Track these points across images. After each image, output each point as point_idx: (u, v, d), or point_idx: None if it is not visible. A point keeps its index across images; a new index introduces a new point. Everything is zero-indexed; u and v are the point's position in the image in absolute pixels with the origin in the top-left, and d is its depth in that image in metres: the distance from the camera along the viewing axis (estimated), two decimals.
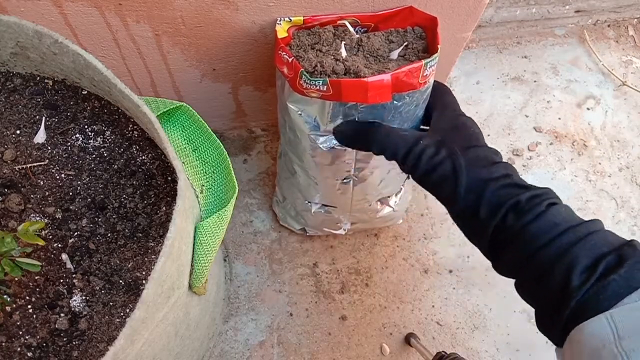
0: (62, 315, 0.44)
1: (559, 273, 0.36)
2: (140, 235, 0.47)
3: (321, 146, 0.57)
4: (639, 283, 0.33)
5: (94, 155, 0.50)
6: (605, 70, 1.02)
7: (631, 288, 0.33)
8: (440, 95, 0.54)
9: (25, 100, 0.51)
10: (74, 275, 0.45)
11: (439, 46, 0.51)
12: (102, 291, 0.45)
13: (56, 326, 0.43)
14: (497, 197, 0.42)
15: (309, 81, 0.49)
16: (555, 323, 0.37)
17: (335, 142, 0.57)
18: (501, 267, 0.43)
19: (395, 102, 0.51)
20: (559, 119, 0.97)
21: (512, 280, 0.83)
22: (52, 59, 0.46)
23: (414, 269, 0.83)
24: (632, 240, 0.37)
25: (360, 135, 0.51)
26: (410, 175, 0.49)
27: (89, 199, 0.48)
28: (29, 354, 0.42)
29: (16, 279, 0.44)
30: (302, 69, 0.50)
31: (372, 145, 0.50)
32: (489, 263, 0.86)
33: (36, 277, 0.45)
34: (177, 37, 0.61)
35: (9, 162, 0.48)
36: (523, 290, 0.42)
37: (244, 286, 0.80)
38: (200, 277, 0.48)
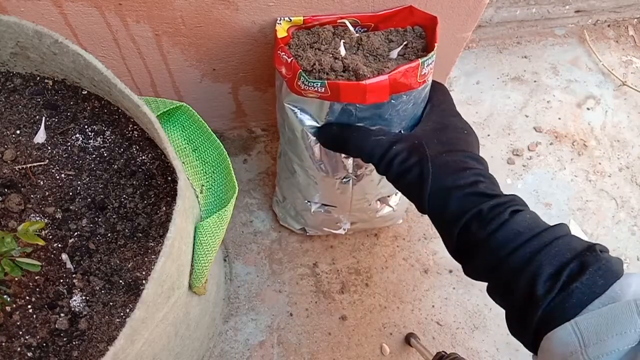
0: (62, 315, 0.44)
1: (524, 282, 0.37)
2: (140, 235, 0.47)
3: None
4: (601, 289, 0.34)
5: (94, 155, 0.50)
6: (605, 70, 1.02)
7: (594, 294, 0.34)
8: (435, 92, 0.54)
9: (25, 100, 0.51)
10: (74, 275, 0.45)
11: (435, 44, 0.51)
12: (102, 291, 0.45)
13: (56, 326, 0.43)
14: (460, 205, 0.42)
15: (307, 82, 0.49)
16: (526, 330, 0.37)
17: None
18: (470, 273, 0.43)
19: (393, 101, 0.51)
20: (559, 119, 0.97)
21: None
22: (52, 59, 0.46)
23: (414, 269, 0.83)
24: (594, 245, 0.37)
25: (339, 138, 0.51)
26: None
27: (89, 199, 0.48)
28: (29, 354, 0.42)
29: (16, 279, 0.44)
30: (300, 70, 0.50)
31: (349, 149, 0.51)
32: None
33: (36, 277, 0.45)
34: (177, 37, 0.61)
35: (9, 162, 0.48)
36: (493, 295, 0.42)
37: (244, 286, 0.80)
38: (200, 277, 0.48)
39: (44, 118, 0.50)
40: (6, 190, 0.47)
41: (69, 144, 0.50)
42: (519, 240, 0.38)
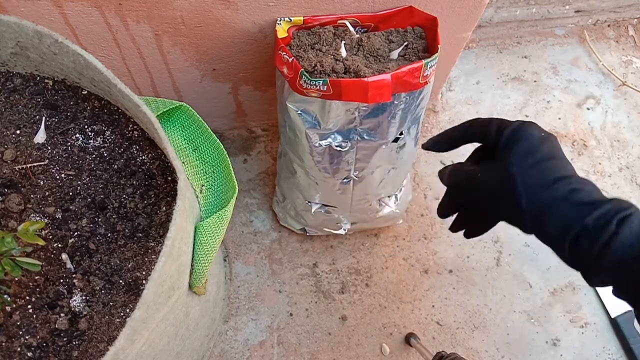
0: (62, 315, 0.44)
1: None
2: (140, 235, 0.47)
3: (321, 145, 0.57)
4: None
5: (94, 155, 0.50)
6: (605, 70, 1.02)
7: None
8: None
9: (25, 100, 0.51)
10: (74, 275, 0.45)
11: (439, 46, 0.51)
12: (102, 291, 0.45)
13: (56, 326, 0.43)
14: (563, 221, 0.41)
15: (309, 81, 0.49)
16: None
17: (336, 142, 0.57)
18: (593, 284, 0.43)
19: (395, 102, 0.51)
20: (559, 119, 0.97)
21: (513, 280, 0.83)
22: (52, 59, 0.46)
23: (414, 269, 0.83)
24: None
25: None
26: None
27: (89, 199, 0.48)
28: (29, 354, 0.42)
29: (16, 279, 0.44)
30: (302, 69, 0.50)
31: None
32: (489, 263, 0.86)
33: (36, 277, 0.45)
34: (177, 37, 0.61)
35: (9, 162, 0.48)
36: (620, 296, 0.42)
37: (244, 286, 0.80)
38: (200, 277, 0.48)
39: (44, 118, 0.50)
40: (6, 190, 0.47)
41: (69, 144, 0.50)
42: (632, 254, 0.38)
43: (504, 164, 0.44)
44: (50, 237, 0.46)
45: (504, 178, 0.43)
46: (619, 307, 0.81)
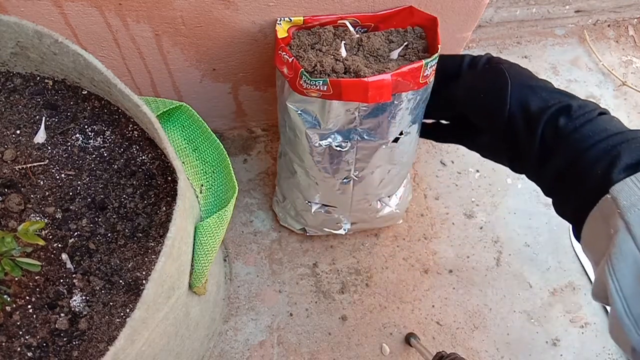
0: (62, 315, 0.44)
1: (600, 171, 0.36)
2: (141, 235, 0.47)
3: (321, 145, 0.57)
4: None
5: (94, 155, 0.50)
6: (605, 70, 1.02)
7: None
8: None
9: (25, 100, 0.51)
10: (74, 275, 0.45)
11: (439, 46, 0.51)
12: (102, 291, 0.45)
13: (56, 326, 0.43)
14: (547, 100, 0.42)
15: (309, 81, 0.49)
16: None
17: (336, 142, 0.57)
18: (546, 174, 0.42)
19: (395, 102, 0.51)
20: None
21: (513, 280, 0.83)
22: (52, 59, 0.46)
23: (414, 269, 0.83)
24: None
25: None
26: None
27: (89, 199, 0.48)
28: (29, 354, 0.42)
29: (16, 279, 0.44)
30: (302, 69, 0.50)
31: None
32: (489, 263, 0.86)
33: (36, 277, 0.45)
34: (177, 37, 0.61)
35: (9, 162, 0.48)
36: (561, 205, 0.42)
37: (244, 286, 0.80)
38: (200, 277, 0.48)
39: (44, 118, 0.50)
40: (6, 190, 0.47)
41: (69, 144, 0.50)
42: (603, 135, 0.38)
43: (492, 65, 0.47)
44: (50, 237, 0.46)
45: (495, 73, 0.46)
46: None
